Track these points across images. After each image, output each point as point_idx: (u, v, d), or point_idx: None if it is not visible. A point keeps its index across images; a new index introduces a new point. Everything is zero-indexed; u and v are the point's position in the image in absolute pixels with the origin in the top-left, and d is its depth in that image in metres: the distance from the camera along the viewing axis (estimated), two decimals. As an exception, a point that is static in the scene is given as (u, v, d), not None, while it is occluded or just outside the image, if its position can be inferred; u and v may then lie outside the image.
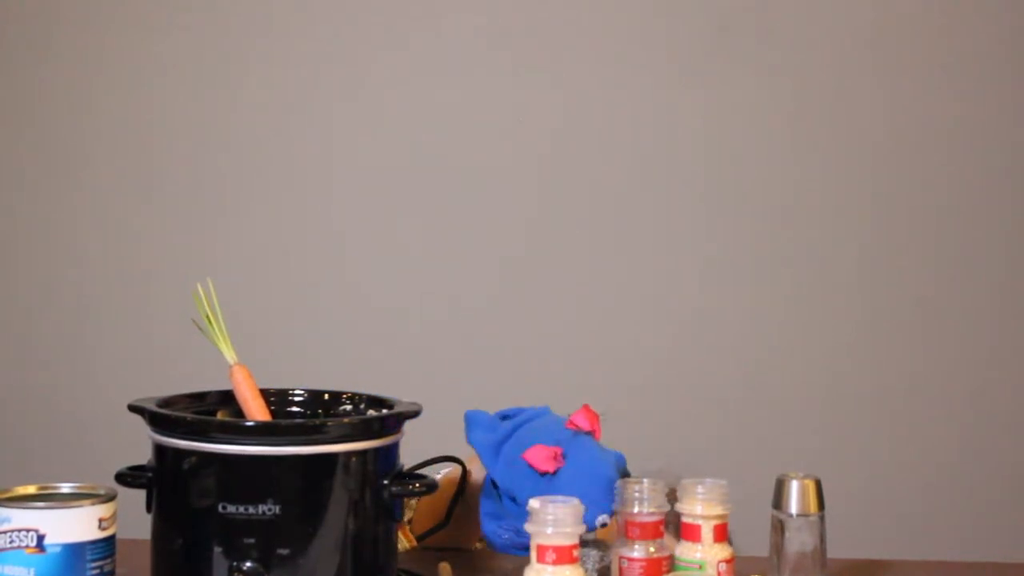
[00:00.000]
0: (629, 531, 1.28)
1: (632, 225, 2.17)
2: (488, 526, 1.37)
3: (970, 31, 2.13)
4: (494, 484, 1.38)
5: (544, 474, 1.33)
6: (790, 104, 2.15)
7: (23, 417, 2.22)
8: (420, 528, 1.47)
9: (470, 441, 1.41)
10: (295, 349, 2.17)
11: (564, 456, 1.34)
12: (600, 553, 1.36)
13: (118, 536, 1.20)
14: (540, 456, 1.33)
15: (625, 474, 1.37)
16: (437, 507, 1.47)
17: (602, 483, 1.32)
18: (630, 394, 2.17)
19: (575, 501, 1.21)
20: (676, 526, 1.32)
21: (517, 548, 1.36)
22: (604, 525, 1.32)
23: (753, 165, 2.16)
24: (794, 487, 1.28)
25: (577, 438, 1.37)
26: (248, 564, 1.17)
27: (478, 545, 1.54)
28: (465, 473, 1.47)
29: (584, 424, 1.39)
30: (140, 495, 1.24)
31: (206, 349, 1.35)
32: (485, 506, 1.38)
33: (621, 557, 1.28)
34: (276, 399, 1.37)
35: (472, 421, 1.42)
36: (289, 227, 2.21)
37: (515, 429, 1.39)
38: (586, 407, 1.41)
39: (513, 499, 1.35)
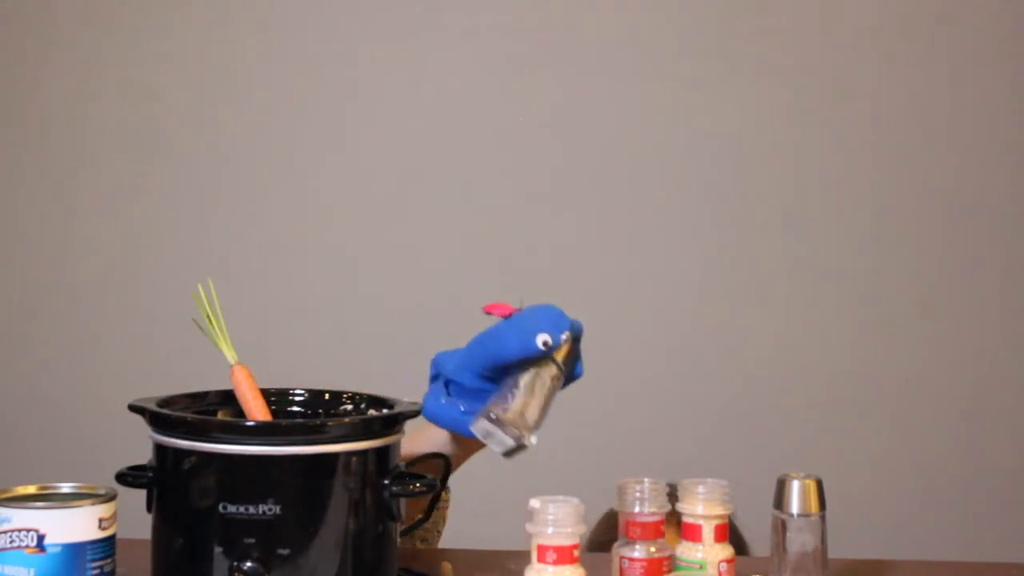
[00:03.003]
0: (629, 531, 1.28)
1: (634, 225, 2.17)
2: (431, 405, 1.35)
3: (972, 33, 2.13)
4: (446, 385, 1.36)
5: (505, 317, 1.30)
6: (791, 105, 2.15)
7: (23, 417, 2.22)
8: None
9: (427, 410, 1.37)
10: (295, 349, 2.17)
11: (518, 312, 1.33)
12: (513, 434, 1.22)
13: (118, 536, 1.20)
14: (499, 308, 1.31)
15: (577, 330, 1.33)
16: (417, 501, 1.47)
17: (549, 311, 1.30)
18: (631, 394, 2.17)
19: (575, 500, 1.21)
20: (677, 526, 1.32)
21: (459, 424, 1.34)
22: (547, 344, 1.27)
23: (752, 166, 2.16)
24: (795, 487, 1.28)
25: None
26: (248, 564, 1.17)
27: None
28: (448, 469, 1.46)
29: (508, 309, 1.36)
30: (140, 495, 1.24)
31: (206, 349, 1.35)
32: (429, 400, 1.36)
33: (622, 557, 1.28)
34: (276, 399, 1.37)
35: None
36: (289, 227, 2.21)
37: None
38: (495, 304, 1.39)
39: (460, 384, 1.33)
